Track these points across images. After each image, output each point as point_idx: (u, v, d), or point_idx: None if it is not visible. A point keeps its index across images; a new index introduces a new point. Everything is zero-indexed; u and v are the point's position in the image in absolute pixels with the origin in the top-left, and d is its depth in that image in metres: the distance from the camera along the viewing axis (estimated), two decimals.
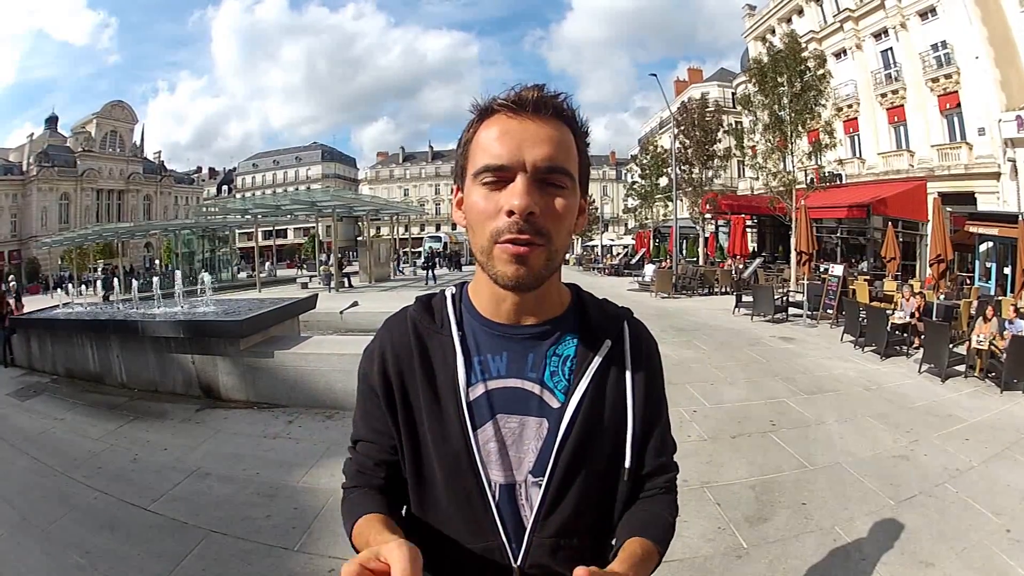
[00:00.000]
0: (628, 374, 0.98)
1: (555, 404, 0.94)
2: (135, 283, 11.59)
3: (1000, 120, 17.30)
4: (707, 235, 28.48)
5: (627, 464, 0.96)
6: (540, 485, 0.92)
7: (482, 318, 0.97)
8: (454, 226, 41.16)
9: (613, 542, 0.97)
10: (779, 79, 18.11)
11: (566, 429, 0.92)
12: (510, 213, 0.83)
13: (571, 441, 0.92)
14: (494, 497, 0.92)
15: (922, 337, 8.35)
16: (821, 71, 18.10)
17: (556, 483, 0.92)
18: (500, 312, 0.96)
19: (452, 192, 0.98)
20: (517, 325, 0.96)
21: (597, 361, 0.96)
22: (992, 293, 14.50)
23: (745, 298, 13.53)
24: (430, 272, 23.87)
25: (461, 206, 0.93)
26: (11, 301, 10.08)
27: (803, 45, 19.37)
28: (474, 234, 0.88)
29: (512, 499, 0.93)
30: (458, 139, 0.94)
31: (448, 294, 1.03)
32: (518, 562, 0.92)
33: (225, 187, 72.58)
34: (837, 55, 24.34)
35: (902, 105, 21.88)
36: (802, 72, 17.92)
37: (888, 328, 8.82)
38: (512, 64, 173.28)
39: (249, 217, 25.58)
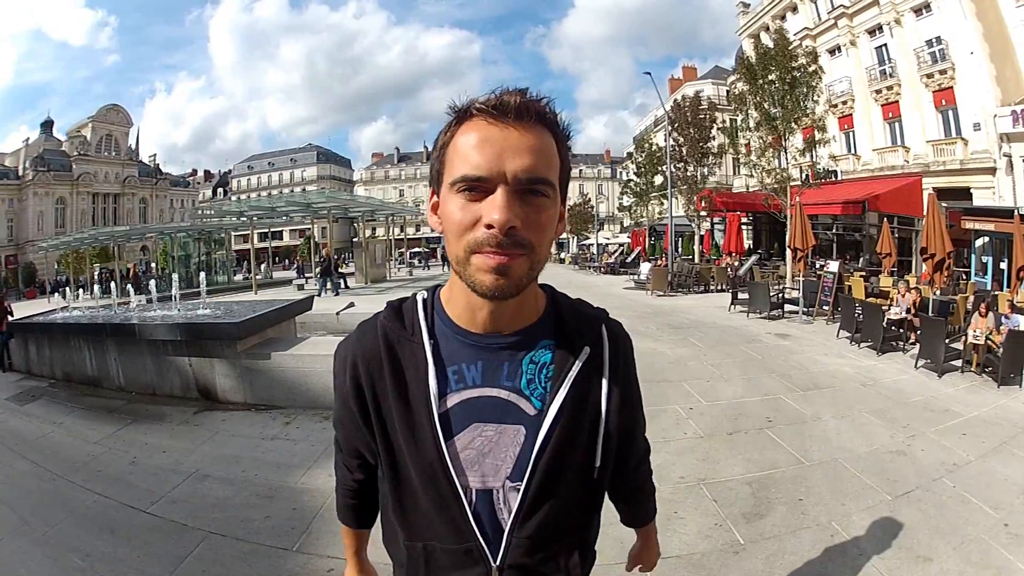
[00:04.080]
0: (606, 380, 0.98)
1: (532, 411, 0.93)
2: (130, 287, 11.58)
3: (996, 115, 17.35)
4: (702, 233, 28.48)
5: (597, 463, 0.97)
6: (518, 490, 0.92)
7: (456, 327, 0.95)
8: None
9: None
10: (769, 76, 18.08)
11: (545, 436, 0.92)
12: (489, 227, 0.80)
13: (550, 448, 0.92)
14: (471, 503, 0.92)
15: (918, 332, 8.38)
16: (813, 67, 18.07)
17: (535, 488, 0.92)
18: (476, 322, 0.94)
19: (428, 195, 0.96)
20: (493, 334, 0.94)
21: (576, 368, 0.95)
22: (988, 288, 14.56)
23: (741, 295, 13.57)
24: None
25: (437, 211, 0.90)
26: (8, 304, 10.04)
27: (793, 42, 19.32)
28: (450, 244, 0.86)
29: (489, 503, 0.93)
30: (435, 140, 0.91)
31: (419, 299, 1.01)
32: (497, 561, 0.93)
33: (221, 189, 72.41)
34: (831, 52, 24.35)
35: (897, 101, 21.91)
36: (792, 69, 17.89)
37: (884, 324, 8.85)
38: (512, 63, 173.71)
39: (244, 219, 25.49)
